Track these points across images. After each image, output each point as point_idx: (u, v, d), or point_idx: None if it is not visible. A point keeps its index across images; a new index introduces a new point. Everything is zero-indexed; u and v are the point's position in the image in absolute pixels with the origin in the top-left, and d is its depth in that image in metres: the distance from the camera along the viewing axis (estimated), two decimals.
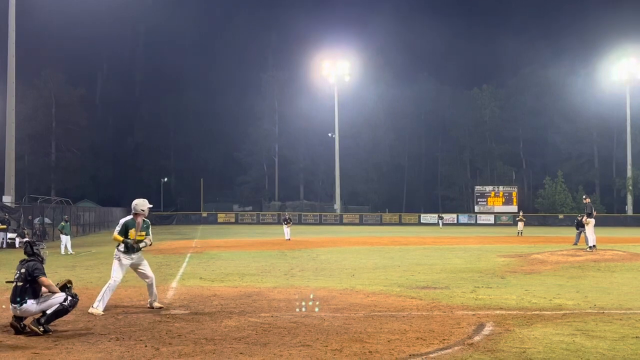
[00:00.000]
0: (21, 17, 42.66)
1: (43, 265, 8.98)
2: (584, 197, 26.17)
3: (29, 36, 65.41)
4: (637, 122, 78.50)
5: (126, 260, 10.40)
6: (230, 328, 8.83)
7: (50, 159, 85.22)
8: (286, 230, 34.81)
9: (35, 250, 8.99)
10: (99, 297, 10.11)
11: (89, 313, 9.77)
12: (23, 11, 44.90)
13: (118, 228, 10.41)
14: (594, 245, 22.33)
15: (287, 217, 36.75)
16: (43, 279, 8.66)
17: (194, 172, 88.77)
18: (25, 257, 8.95)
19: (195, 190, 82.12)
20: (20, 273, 8.66)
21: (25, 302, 8.51)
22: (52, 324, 8.52)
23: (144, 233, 10.54)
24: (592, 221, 23.17)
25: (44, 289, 8.74)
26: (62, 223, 26.85)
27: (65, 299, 8.64)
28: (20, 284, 8.59)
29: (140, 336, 8.24)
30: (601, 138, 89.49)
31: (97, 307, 9.90)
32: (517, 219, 43.01)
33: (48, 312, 8.46)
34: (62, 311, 8.60)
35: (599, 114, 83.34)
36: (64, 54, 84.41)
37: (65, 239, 25.59)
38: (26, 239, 9.22)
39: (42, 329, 8.33)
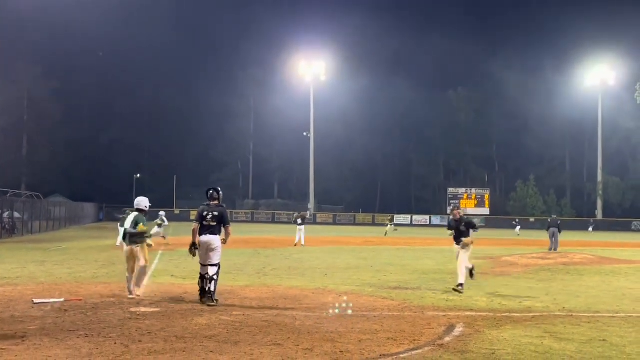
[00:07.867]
0: None
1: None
2: (456, 209, 14.30)
3: (2, 28, 64.49)
4: (608, 127, 79.67)
5: None
6: (201, 326, 8.78)
7: (22, 152, 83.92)
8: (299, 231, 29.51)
9: (221, 195, 11.34)
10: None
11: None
12: None
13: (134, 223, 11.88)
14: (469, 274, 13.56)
15: (305, 215, 32.24)
16: (230, 228, 11.27)
17: (168, 169, 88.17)
18: (209, 202, 11.20)
19: (169, 188, 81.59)
20: (214, 215, 11.04)
21: (216, 235, 11.00)
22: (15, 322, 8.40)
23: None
24: (470, 244, 13.50)
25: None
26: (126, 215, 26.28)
27: (219, 269, 11.01)
28: (214, 223, 11.01)
29: (109, 333, 8.16)
30: (573, 143, 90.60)
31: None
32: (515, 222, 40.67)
33: (211, 288, 10.70)
34: (216, 282, 10.88)
35: (572, 119, 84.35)
36: (38, 47, 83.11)
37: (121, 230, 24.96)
38: (212, 188, 11.57)
39: (214, 302, 10.60)
